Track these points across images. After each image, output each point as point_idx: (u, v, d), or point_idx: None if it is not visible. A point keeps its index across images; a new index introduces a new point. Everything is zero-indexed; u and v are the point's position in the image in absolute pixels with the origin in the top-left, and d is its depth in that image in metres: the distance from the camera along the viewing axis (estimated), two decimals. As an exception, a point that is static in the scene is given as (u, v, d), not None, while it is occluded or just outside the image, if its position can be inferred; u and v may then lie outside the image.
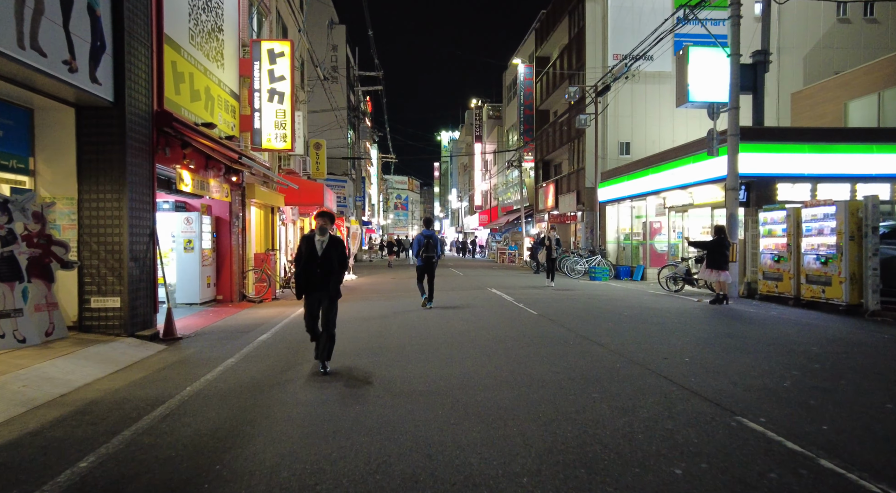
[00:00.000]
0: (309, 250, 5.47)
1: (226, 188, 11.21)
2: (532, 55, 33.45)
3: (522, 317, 8.89)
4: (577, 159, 25.07)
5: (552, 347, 6.32)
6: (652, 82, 23.19)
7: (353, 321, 8.80)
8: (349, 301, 11.76)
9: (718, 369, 5.18)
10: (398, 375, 5.17)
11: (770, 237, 11.69)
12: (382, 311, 10.10)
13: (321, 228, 5.53)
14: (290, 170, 15.89)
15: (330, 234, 5.57)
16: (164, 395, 4.70)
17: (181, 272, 11.03)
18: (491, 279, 17.65)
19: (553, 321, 8.37)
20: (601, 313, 9.31)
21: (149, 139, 7.76)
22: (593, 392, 4.41)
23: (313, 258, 5.44)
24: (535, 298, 11.85)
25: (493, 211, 43.74)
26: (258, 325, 8.70)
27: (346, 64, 34.77)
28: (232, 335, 7.75)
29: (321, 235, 5.49)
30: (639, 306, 10.50)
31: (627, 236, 20.40)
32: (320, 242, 5.46)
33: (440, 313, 9.50)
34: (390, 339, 7.15)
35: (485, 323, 8.28)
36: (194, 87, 9.53)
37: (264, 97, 12.03)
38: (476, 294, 12.74)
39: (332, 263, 5.46)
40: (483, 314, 9.28)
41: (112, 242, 7.03)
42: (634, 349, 6.14)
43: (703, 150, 14.38)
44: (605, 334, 7.13)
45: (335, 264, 5.48)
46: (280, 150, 12.11)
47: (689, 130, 22.93)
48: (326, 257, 5.44)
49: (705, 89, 13.60)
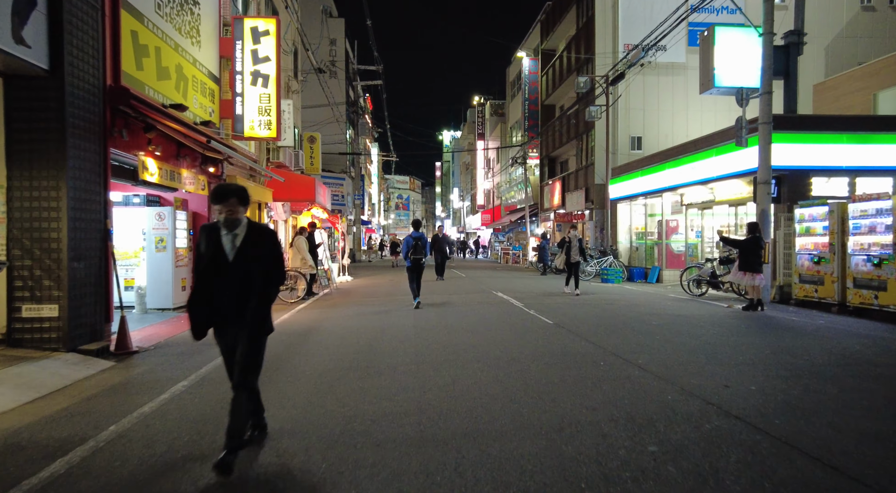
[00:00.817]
0: (212, 253, 3.16)
1: (202, 180, 10.05)
2: (537, 48, 32.27)
3: (536, 327, 7.71)
4: (585, 155, 23.89)
5: (579, 369, 5.14)
6: (665, 74, 22.01)
7: (341, 331, 7.63)
8: (340, 307, 10.60)
9: (803, 404, 4.00)
10: (386, 410, 4.00)
11: (808, 236, 10.50)
12: (376, 318, 8.93)
13: (228, 218, 3.10)
14: (279, 163, 14.74)
15: (249, 223, 3.21)
16: (75, 438, 3.55)
17: (152, 274, 9.88)
18: (496, 282, 16.47)
19: (573, 333, 7.19)
20: (626, 323, 8.13)
21: (100, 119, 6.61)
22: (649, 443, 3.23)
23: (219, 266, 3.15)
24: (546, 304, 10.67)
25: (495, 210, 42.57)
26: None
27: (346, 58, 33.65)
28: (197, 348, 6.59)
29: (229, 228, 3.13)
30: (665, 313, 9.33)
31: (641, 236, 19.22)
32: (230, 240, 3.15)
33: (441, 322, 8.33)
34: (382, 355, 5.98)
35: (494, 335, 7.10)
36: (162, 63, 8.37)
37: (247, 80, 10.87)
38: (481, 299, 11.56)
39: (250, 274, 3.14)
40: (491, 324, 8.11)
41: (48, 238, 5.87)
42: (681, 373, 4.96)
43: (727, 141, 13.20)
44: (639, 351, 5.95)
45: (256, 276, 3.15)
46: (264, 138, 10.96)
47: (704, 124, 21.73)
48: (242, 264, 3.14)
49: (733, 73, 12.41)
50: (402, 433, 3.50)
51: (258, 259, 3.18)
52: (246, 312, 3.14)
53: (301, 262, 12.11)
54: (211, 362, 5.86)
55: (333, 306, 10.81)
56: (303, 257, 12.10)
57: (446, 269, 18.12)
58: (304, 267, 12.04)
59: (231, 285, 3.15)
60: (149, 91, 7.95)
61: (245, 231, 3.18)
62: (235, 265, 3.15)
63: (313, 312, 9.95)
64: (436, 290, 13.60)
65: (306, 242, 12.38)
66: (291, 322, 8.66)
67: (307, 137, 19.77)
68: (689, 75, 22.23)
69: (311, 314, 9.59)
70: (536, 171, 32.14)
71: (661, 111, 22.29)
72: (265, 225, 3.52)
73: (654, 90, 22.18)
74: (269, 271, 3.21)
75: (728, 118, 21.57)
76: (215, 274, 3.16)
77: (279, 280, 3.32)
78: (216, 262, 3.16)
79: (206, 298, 3.19)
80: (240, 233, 3.16)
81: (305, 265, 12.03)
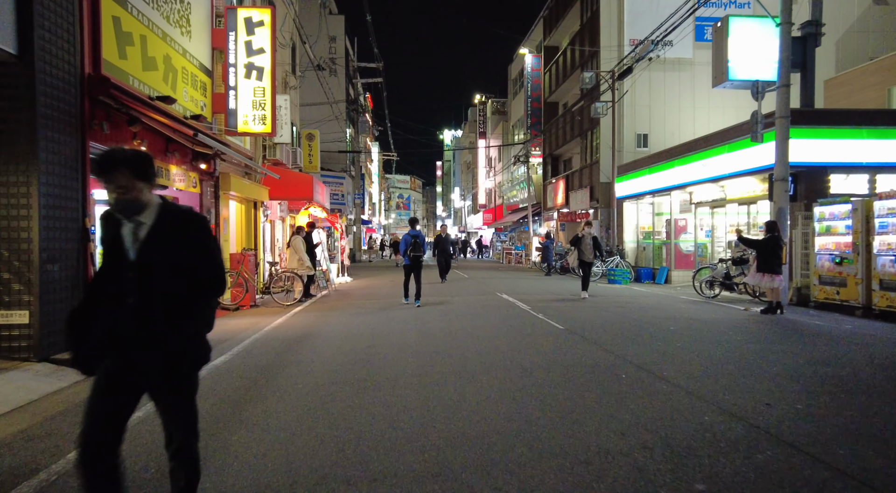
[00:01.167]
0: (107, 249, 2.19)
1: (193, 177, 9.58)
2: (540, 45, 31.78)
3: (547, 333, 7.22)
4: (590, 153, 23.40)
5: (600, 383, 4.66)
6: (671, 69, 21.52)
7: (338, 338, 7.14)
8: (338, 310, 10.11)
9: (868, 430, 3.49)
10: (384, 434, 3.51)
11: (829, 235, 10.00)
12: (376, 322, 8.45)
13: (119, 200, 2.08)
14: (276, 161, 14.26)
15: (163, 205, 2.19)
16: (24, 469, 3.08)
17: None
18: (499, 283, 15.99)
19: (587, 340, 6.70)
20: (641, 328, 7.64)
21: (77, 110, 6.13)
22: (695, 479, 2.74)
23: (116, 268, 2.14)
24: (554, 307, 10.19)
25: (497, 210, 42.08)
26: (224, 340, 7.07)
27: (345, 56, 33.16)
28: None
29: (126, 213, 2.11)
30: (680, 317, 8.84)
31: (648, 235, 18.72)
32: (131, 230, 2.13)
33: (445, 327, 7.85)
34: (381, 366, 5.50)
35: (502, 343, 6.61)
36: (148, 53, 7.89)
37: (240, 73, 10.39)
38: (485, 301, 11.08)
39: (162, 280, 2.12)
40: (498, 330, 7.62)
41: (18, 238, 5.40)
42: (713, 387, 4.47)
43: (740, 137, 12.72)
44: (661, 361, 5.46)
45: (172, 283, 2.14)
46: (258, 133, 10.48)
47: (712, 121, 21.23)
48: (148, 265, 2.12)
49: (748, 66, 11.91)
50: (404, 465, 3.02)
51: (178, 257, 2.14)
52: (152, 335, 2.09)
53: (298, 263, 11.63)
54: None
55: (331, 308, 10.33)
56: (300, 258, 11.62)
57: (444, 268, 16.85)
58: (300, 268, 11.56)
59: (131, 295, 2.09)
60: (133, 82, 7.47)
61: (154, 218, 2.13)
62: (138, 267, 2.10)
63: (310, 315, 9.47)
64: (438, 292, 13.13)
65: (304, 242, 11.90)
66: (286, 327, 8.18)
67: (305, 135, 19.29)
68: (696, 71, 21.76)
69: (307, 318, 9.11)
70: (539, 169, 31.65)
71: (668, 108, 21.80)
72: (189, 208, 2.38)
73: (661, 86, 21.69)
74: (197, 276, 2.18)
75: (736, 115, 21.08)
76: (111, 279, 2.15)
77: (215, 288, 2.26)
78: (113, 262, 2.15)
79: (96, 313, 2.17)
80: (145, 220, 2.12)
81: (302, 266, 11.55)
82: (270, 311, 10.20)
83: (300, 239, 11.83)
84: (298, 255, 11.63)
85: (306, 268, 11.55)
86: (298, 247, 11.67)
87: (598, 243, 11.92)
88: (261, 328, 8.07)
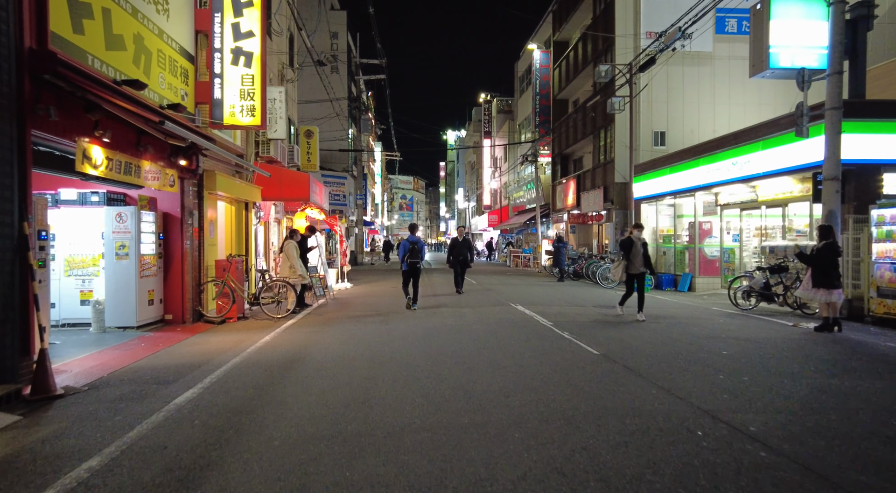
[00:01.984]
0: None
1: (170, 175, 8.48)
2: (549, 40, 30.65)
3: (581, 361, 6.09)
4: (603, 152, 22.24)
5: (675, 446, 3.52)
6: (690, 64, 20.37)
7: (331, 365, 6.01)
8: (334, 324, 8.98)
9: None
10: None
11: (890, 242, 8.85)
12: (377, 342, 7.32)
13: None
14: (270, 158, 13.16)
15: None
16: None
17: (112, 286, 8.33)
18: (511, 290, 14.86)
19: (631, 371, 5.57)
20: (688, 352, 6.51)
21: (13, 90, 5.04)
22: None
23: None
24: (580, 322, 9.06)
25: (503, 211, 40.95)
26: (197, 365, 5.97)
27: (347, 52, 32.12)
28: (143, 390, 5.01)
29: None
30: (726, 335, 7.70)
31: (667, 239, 17.56)
32: None
33: (458, 352, 6.73)
34: (381, 409, 4.38)
35: (529, 376, 5.49)
36: (113, 29, 6.80)
37: (227, 59, 9.29)
38: (500, 315, 9.94)
39: None
40: (521, 356, 6.49)
41: (-74, 249, 4.30)
42: (840, 460, 3.33)
43: (778, 132, 11.59)
44: (737, 407, 4.33)
45: None
46: (247, 126, 9.38)
47: (733, 119, 20.09)
48: None
49: (792, 52, 10.75)
50: None
51: None
52: None
53: (290, 270, 10.52)
54: (155, 413, 4.29)
55: (327, 323, 9.22)
56: (291, 265, 10.51)
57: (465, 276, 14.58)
58: (293, 276, 10.45)
59: None
60: (94, 62, 6.39)
61: None
62: None
63: (302, 331, 8.36)
64: (448, 302, 12.00)
65: (297, 247, 10.79)
66: (273, 347, 7.06)
67: (304, 132, 18.19)
68: (716, 66, 20.61)
69: (298, 335, 7.99)
70: (548, 169, 30.51)
71: (687, 104, 20.64)
72: None
73: (679, 82, 20.54)
74: None
75: (758, 113, 19.91)
76: None
77: None
78: None
79: None
80: None
81: (295, 274, 10.44)
82: (259, 325, 9.10)
83: (293, 244, 10.72)
84: (290, 261, 10.53)
85: (299, 276, 10.43)
86: (291, 253, 10.57)
87: (647, 251, 9.52)
88: (244, 349, 6.97)
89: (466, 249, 14.22)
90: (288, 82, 15.72)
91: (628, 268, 9.42)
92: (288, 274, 10.46)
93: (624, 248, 9.55)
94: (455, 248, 14.02)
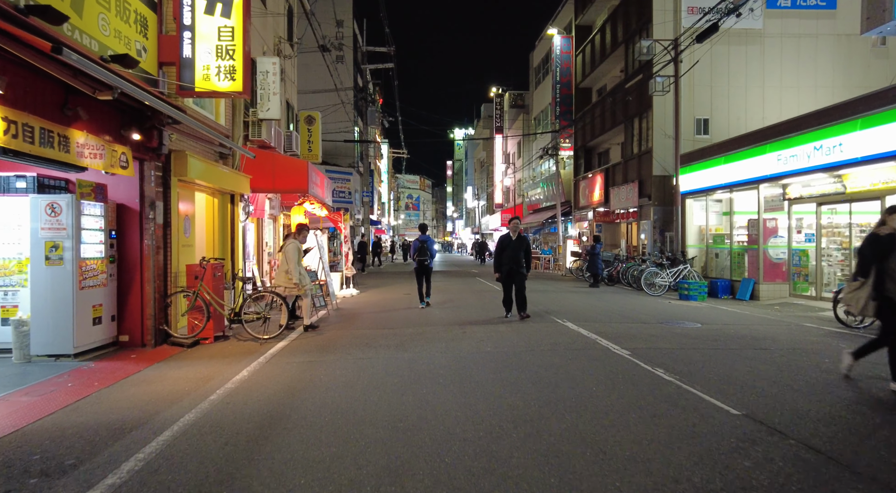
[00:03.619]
0: None
1: (121, 153, 6.40)
2: (570, 25, 28.47)
3: (720, 430, 3.95)
4: (637, 142, 20.05)
5: None
6: (736, 44, 18.17)
7: (329, 425, 3.86)
8: (336, 350, 6.81)
9: None
10: None
11: None
12: (394, 385, 5.17)
13: None
14: (262, 143, 11.07)
15: None
16: None
17: (41, 300, 6.26)
18: (544, 298, 12.71)
19: (800, 443, 3.42)
20: (843, 403, 4.36)
21: None
22: None
23: None
24: (665, 350, 6.91)
25: (517, 209, 38.76)
26: (130, 427, 3.88)
27: (353, 41, 30.10)
28: (59, 467, 2.91)
29: None
30: (867, 373, 5.53)
31: (719, 239, 15.37)
32: None
33: (514, 402, 4.59)
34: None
35: (636, 459, 3.35)
36: (17, -65, 4.72)
37: (199, 6, 7.21)
38: (550, 337, 7.80)
39: None
40: (622, 420, 4.35)
41: None
42: None
43: (882, 107, 9.42)
44: None
45: None
46: (225, 92, 7.29)
47: (785, 104, 17.88)
48: None
49: (918, 2, 8.57)
50: None
51: None
52: None
53: (285, 277, 8.38)
54: None
55: (326, 348, 7.09)
56: (287, 270, 8.37)
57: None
58: (287, 285, 8.32)
59: None
60: (-19, -23, 4.30)
61: None
62: None
63: (292, 362, 6.24)
64: (477, 317, 9.87)
65: (299, 250, 8.66)
66: (247, 393, 4.94)
67: (304, 117, 16.13)
68: (766, 45, 18.39)
69: (286, 370, 5.87)
70: (568, 164, 28.32)
71: (733, 88, 18.43)
72: None
73: (724, 64, 18.33)
74: None
75: (815, 97, 17.64)
76: None
77: None
78: None
79: None
80: None
81: (290, 283, 8.31)
82: (239, 349, 7.01)
83: (295, 246, 8.55)
84: (288, 265, 8.38)
85: (293, 285, 8.29)
86: (291, 256, 8.40)
87: None
88: (207, 394, 4.86)
89: (523, 252, 9.38)
90: (286, 59, 13.64)
91: (886, 290, 4.79)
92: (283, 282, 8.33)
93: (882, 255, 4.81)
94: (505, 250, 9.35)
